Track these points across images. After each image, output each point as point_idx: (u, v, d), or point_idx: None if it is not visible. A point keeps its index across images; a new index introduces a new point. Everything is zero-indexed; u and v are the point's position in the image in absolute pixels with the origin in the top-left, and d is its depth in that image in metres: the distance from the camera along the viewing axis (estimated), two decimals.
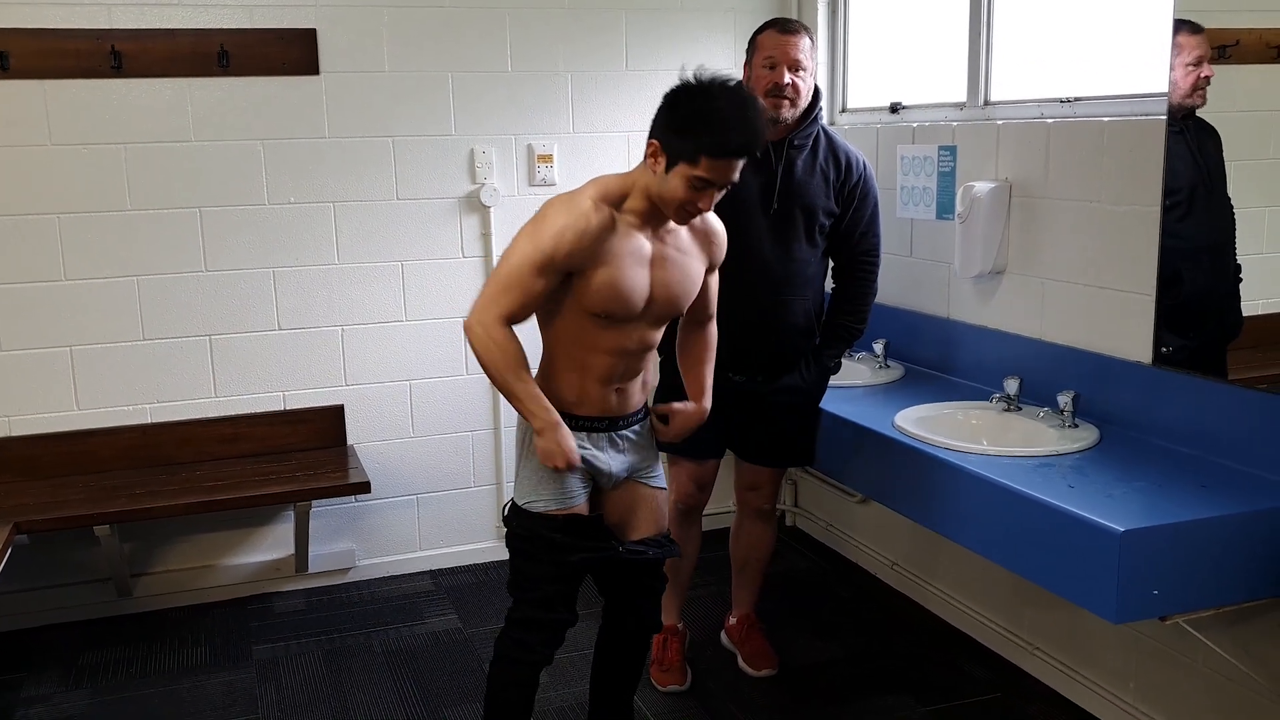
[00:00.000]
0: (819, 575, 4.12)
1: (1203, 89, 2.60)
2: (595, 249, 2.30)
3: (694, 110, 2.25)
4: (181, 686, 3.36)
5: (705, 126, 2.22)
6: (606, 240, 2.32)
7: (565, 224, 2.28)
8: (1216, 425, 2.61)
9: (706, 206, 2.32)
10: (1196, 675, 2.75)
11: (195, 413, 3.79)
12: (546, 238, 2.29)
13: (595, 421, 2.51)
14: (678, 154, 2.24)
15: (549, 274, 2.31)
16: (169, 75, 3.59)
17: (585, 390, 2.47)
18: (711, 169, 2.23)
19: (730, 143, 2.22)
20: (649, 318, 2.44)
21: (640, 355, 2.50)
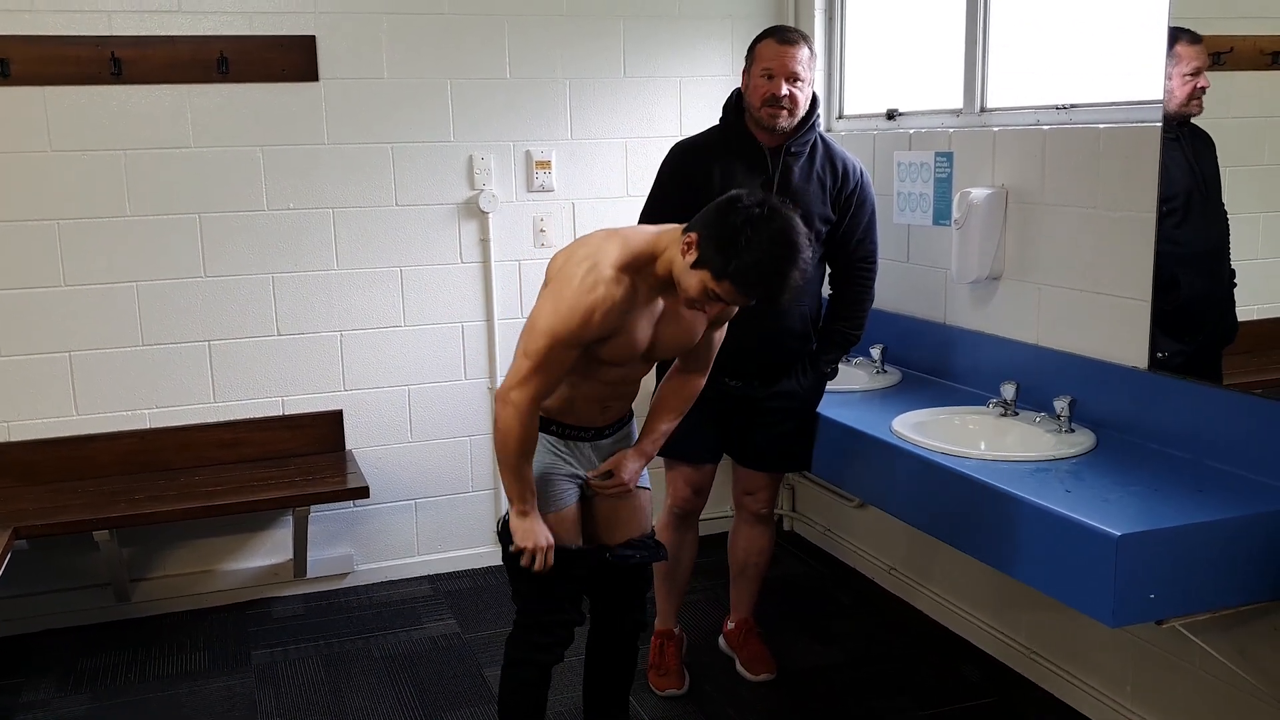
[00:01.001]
0: (817, 580, 4.13)
1: (1199, 98, 2.62)
2: (618, 321, 2.35)
3: (745, 238, 2.21)
4: (180, 691, 3.36)
5: (744, 260, 2.21)
6: (628, 311, 2.36)
7: (593, 305, 2.29)
8: (1212, 430, 2.62)
9: (711, 314, 2.45)
10: (1193, 679, 2.76)
11: (194, 418, 3.80)
12: (576, 320, 2.30)
13: (580, 430, 2.59)
14: (708, 261, 2.24)
15: (578, 347, 2.36)
16: (169, 82, 3.60)
17: (574, 406, 2.54)
18: (730, 294, 2.25)
19: (756, 289, 2.25)
20: (647, 361, 2.55)
21: (631, 386, 2.61)
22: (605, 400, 2.56)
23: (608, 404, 2.57)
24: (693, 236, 2.27)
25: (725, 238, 2.22)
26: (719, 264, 2.22)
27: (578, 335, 2.32)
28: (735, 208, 2.24)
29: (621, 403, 2.62)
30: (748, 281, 2.22)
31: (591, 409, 2.55)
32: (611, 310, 2.31)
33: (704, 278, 2.25)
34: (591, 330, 2.32)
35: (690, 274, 2.27)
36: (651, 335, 2.45)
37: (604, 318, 2.31)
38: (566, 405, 2.53)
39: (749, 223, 2.21)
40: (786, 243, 2.22)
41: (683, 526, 3.29)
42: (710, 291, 2.26)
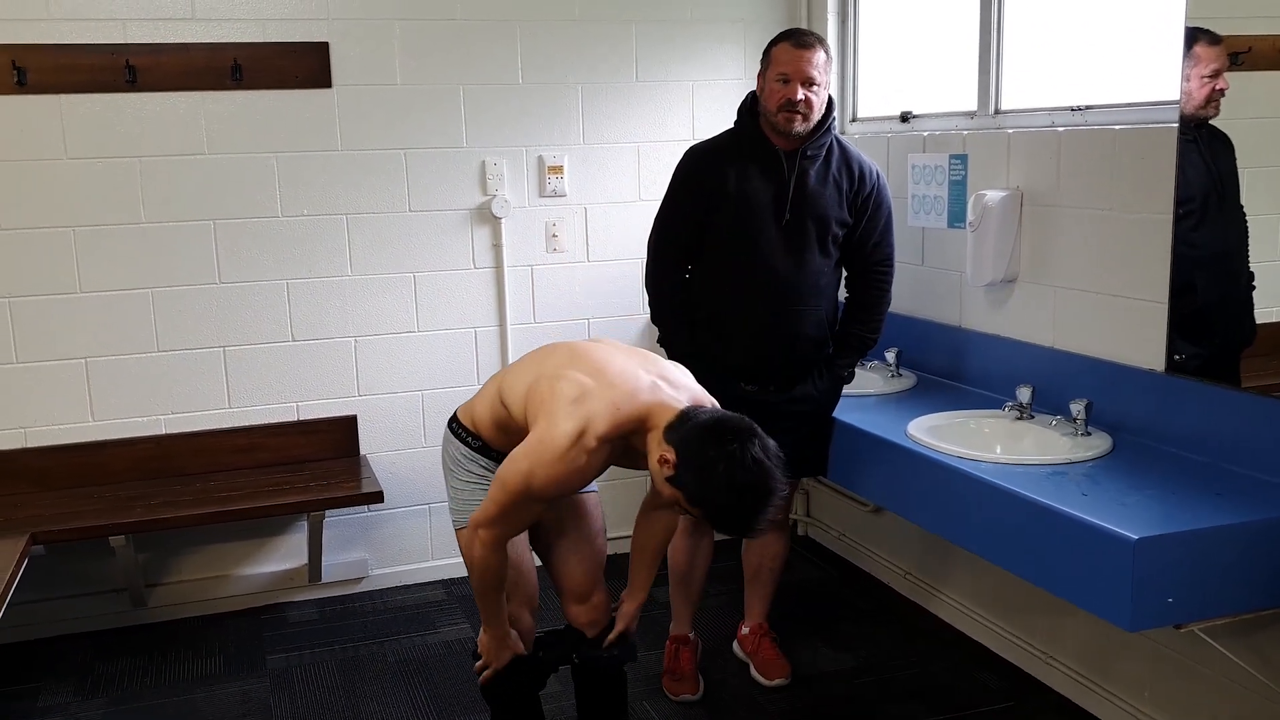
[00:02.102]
0: (831, 585, 4.11)
1: (1218, 100, 2.60)
2: (590, 478, 2.43)
3: (721, 480, 2.21)
4: (196, 696, 3.37)
5: (719, 503, 2.24)
6: (601, 466, 2.41)
7: (569, 474, 2.33)
8: (1230, 433, 2.60)
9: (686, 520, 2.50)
10: (1212, 683, 2.74)
11: (209, 424, 3.81)
12: (551, 483, 2.33)
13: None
14: (683, 485, 2.26)
15: (546, 503, 2.45)
16: (183, 89, 3.62)
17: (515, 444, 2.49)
18: (700, 514, 2.29)
19: (726, 527, 2.36)
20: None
21: None
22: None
23: None
24: (671, 456, 2.26)
25: (703, 472, 2.22)
26: (693, 493, 2.26)
27: (550, 495, 2.39)
28: (718, 442, 2.22)
29: None
30: (719, 520, 2.30)
31: None
32: (587, 475, 2.39)
33: (677, 495, 2.29)
34: (568, 490, 2.42)
35: (666, 484, 2.30)
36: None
37: (580, 481, 2.40)
38: (506, 443, 2.51)
39: (729, 466, 2.20)
40: (763, 492, 2.23)
41: (697, 532, 3.28)
42: (682, 508, 2.31)
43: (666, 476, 2.28)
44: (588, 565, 2.72)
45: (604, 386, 2.36)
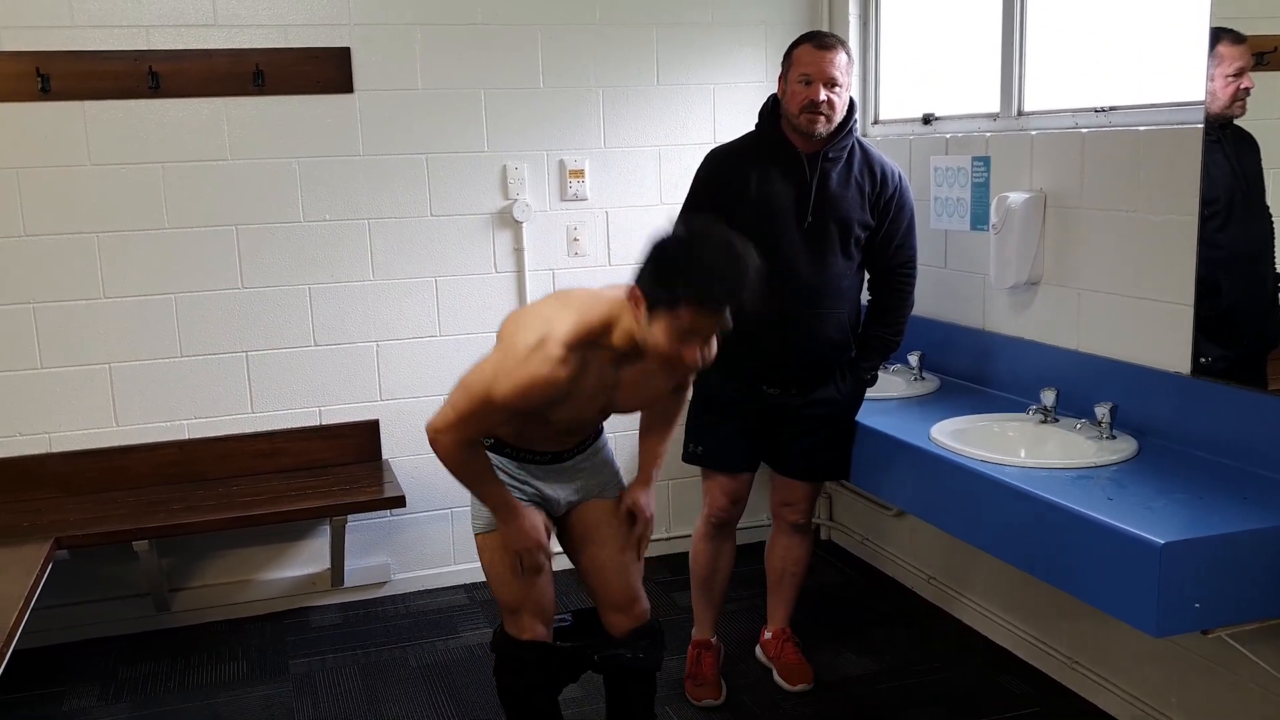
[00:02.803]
0: (854, 589, 4.09)
1: (1243, 100, 2.58)
2: (557, 395, 2.28)
3: (683, 259, 2.17)
4: (219, 701, 3.38)
5: (693, 275, 2.14)
6: (573, 385, 2.28)
7: (532, 383, 2.22)
8: (1257, 436, 2.57)
9: (693, 360, 2.21)
10: (1240, 689, 2.71)
11: (232, 428, 3.82)
12: (511, 394, 2.23)
13: (534, 454, 2.53)
14: (660, 301, 2.17)
15: (510, 414, 2.33)
16: (206, 95, 3.64)
17: (528, 436, 2.48)
18: (696, 319, 2.15)
19: (716, 293, 2.14)
20: (603, 415, 2.53)
21: (593, 422, 2.56)
22: (562, 435, 2.52)
23: (565, 437, 2.54)
24: (635, 290, 2.19)
25: (665, 270, 2.17)
26: (671, 296, 2.14)
27: (511, 407, 2.27)
28: (662, 243, 2.20)
29: (584, 432, 2.57)
30: (705, 292, 2.13)
31: (548, 440, 2.51)
32: (551, 386, 2.24)
33: (666, 323, 2.16)
34: (528, 405, 2.27)
35: (653, 329, 2.18)
36: (605, 401, 2.42)
37: (542, 395, 2.25)
38: (519, 435, 2.48)
39: (681, 245, 2.18)
40: (726, 244, 2.17)
41: (720, 536, 3.28)
42: (679, 332, 2.16)
43: (646, 317, 2.18)
44: (626, 574, 2.64)
45: (566, 305, 2.33)
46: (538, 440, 2.51)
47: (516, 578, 2.52)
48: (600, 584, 2.66)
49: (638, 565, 2.68)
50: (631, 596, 2.65)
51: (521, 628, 2.56)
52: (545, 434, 2.49)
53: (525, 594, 2.54)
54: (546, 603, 2.59)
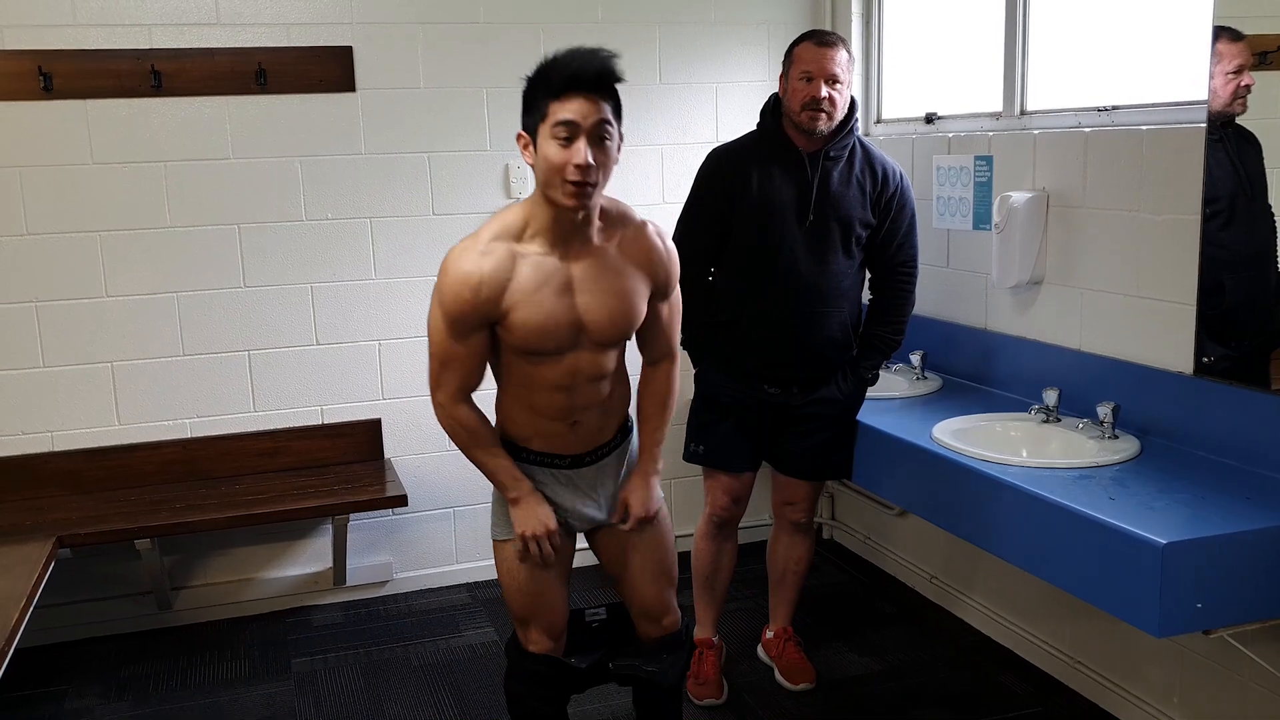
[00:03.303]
0: (856, 588, 4.09)
1: (1243, 97, 2.57)
2: (500, 291, 2.19)
3: (534, 73, 2.20)
4: (221, 699, 3.38)
5: (540, 77, 2.16)
6: (509, 280, 2.20)
7: (459, 283, 2.18)
8: (1260, 436, 2.57)
9: (583, 159, 2.09)
10: (1242, 689, 2.71)
11: (235, 427, 3.83)
12: (448, 302, 2.20)
13: (554, 459, 2.41)
14: (532, 123, 2.17)
15: (469, 333, 2.23)
16: (208, 94, 3.64)
17: (538, 427, 2.37)
18: (562, 109, 2.11)
19: (565, 70, 2.12)
20: (587, 345, 2.29)
21: (593, 385, 2.35)
22: (568, 412, 2.34)
23: (574, 418, 2.36)
24: (519, 137, 2.22)
25: (525, 91, 2.21)
26: (534, 106, 2.15)
27: (454, 318, 2.20)
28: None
29: (591, 416, 2.38)
30: (552, 76, 2.12)
31: (557, 428, 2.36)
32: (481, 284, 2.17)
33: (543, 136, 2.13)
34: (465, 309, 2.19)
35: (540, 155, 2.15)
36: (571, 308, 2.24)
37: (473, 293, 2.18)
38: (529, 429, 2.37)
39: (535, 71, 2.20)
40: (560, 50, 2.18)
41: (721, 535, 3.27)
42: (557, 133, 2.11)
43: (530, 147, 2.18)
44: (655, 583, 2.55)
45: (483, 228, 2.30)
46: (550, 433, 2.37)
47: (528, 592, 2.44)
48: (633, 592, 2.57)
49: (671, 575, 2.58)
50: (663, 608, 2.57)
51: (529, 640, 2.50)
52: (553, 411, 2.34)
53: (535, 607, 2.47)
54: (557, 618, 2.51)
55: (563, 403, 2.33)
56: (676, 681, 2.63)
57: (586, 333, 2.27)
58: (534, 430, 2.38)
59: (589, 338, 2.28)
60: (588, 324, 2.27)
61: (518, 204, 2.30)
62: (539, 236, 2.23)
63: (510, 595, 2.50)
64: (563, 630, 2.54)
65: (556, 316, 2.23)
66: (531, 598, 2.46)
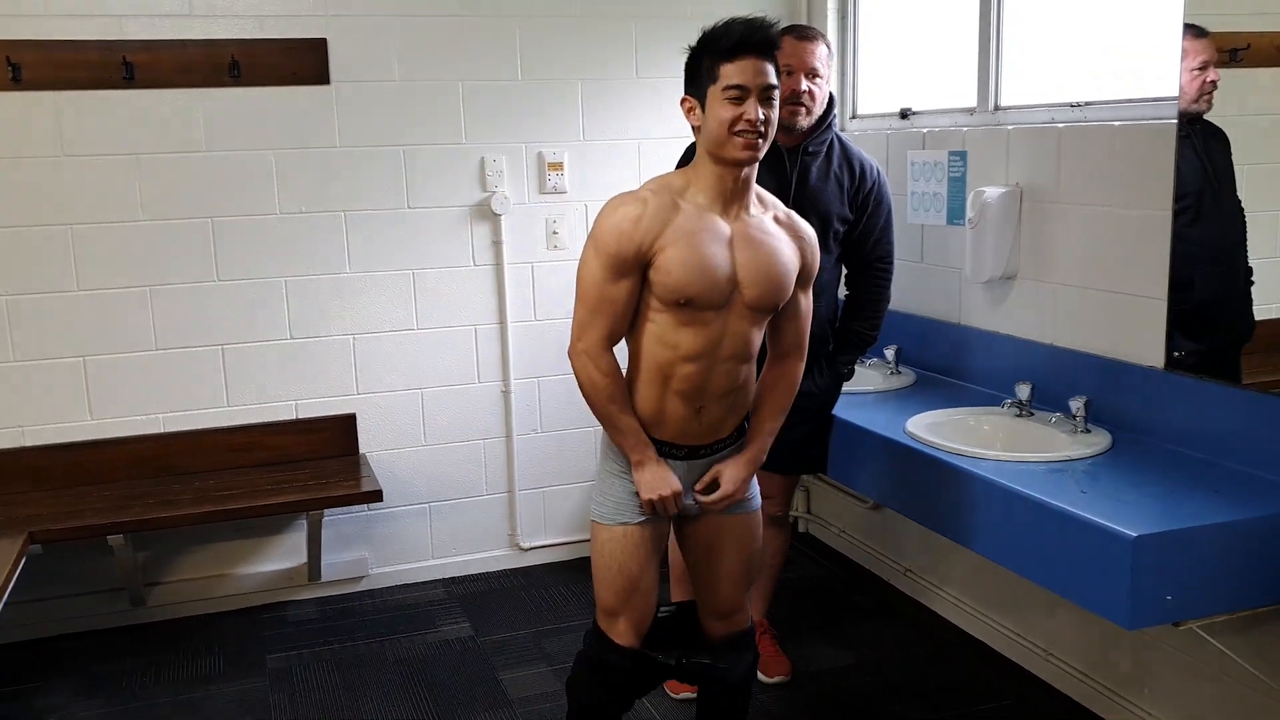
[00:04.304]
0: (831, 582, 4.11)
1: (1209, 94, 2.60)
2: (659, 231, 2.21)
3: (697, 47, 2.28)
4: (195, 696, 3.37)
5: (709, 44, 2.23)
6: (670, 220, 2.22)
7: (620, 216, 2.22)
8: (1230, 430, 2.60)
9: (754, 114, 2.18)
10: (1211, 681, 2.74)
11: (208, 422, 3.80)
12: (608, 237, 2.22)
13: (671, 448, 2.37)
14: (702, 86, 2.23)
15: (625, 274, 2.23)
16: (180, 86, 3.61)
17: (664, 408, 2.32)
18: (734, 73, 2.18)
19: (734, 35, 2.19)
20: (738, 309, 2.28)
21: (730, 365, 2.31)
22: (700, 393, 2.30)
23: (702, 402, 2.32)
24: (685, 100, 2.29)
25: (690, 60, 2.28)
26: (706, 70, 2.21)
27: (614, 253, 2.21)
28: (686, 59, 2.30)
29: (718, 406, 2.34)
30: (727, 40, 2.19)
31: (683, 412, 2.32)
32: (643, 216, 2.21)
33: (714, 99, 2.20)
34: (627, 241, 2.20)
35: (709, 119, 2.22)
36: (728, 262, 2.23)
37: (634, 224, 2.20)
38: (656, 410, 2.33)
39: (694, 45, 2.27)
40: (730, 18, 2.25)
41: None
42: (728, 95, 2.18)
43: (697, 110, 2.25)
44: (735, 584, 2.52)
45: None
46: (674, 416, 2.33)
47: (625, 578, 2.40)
48: (708, 589, 2.53)
49: (750, 578, 2.55)
50: (736, 606, 2.55)
51: (615, 632, 2.44)
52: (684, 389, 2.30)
53: (628, 597, 2.42)
54: (647, 612, 2.46)
55: (699, 379, 2.30)
56: (745, 679, 2.60)
57: (740, 291, 2.27)
58: (660, 413, 2.34)
59: (742, 297, 2.27)
60: (743, 280, 2.26)
61: (675, 171, 2.37)
62: (701, 194, 2.28)
63: (603, 582, 2.43)
64: (647, 628, 2.49)
65: (714, 263, 2.23)
66: (626, 584, 2.41)
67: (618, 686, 2.49)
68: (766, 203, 2.38)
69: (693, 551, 2.53)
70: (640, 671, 2.50)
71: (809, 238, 2.40)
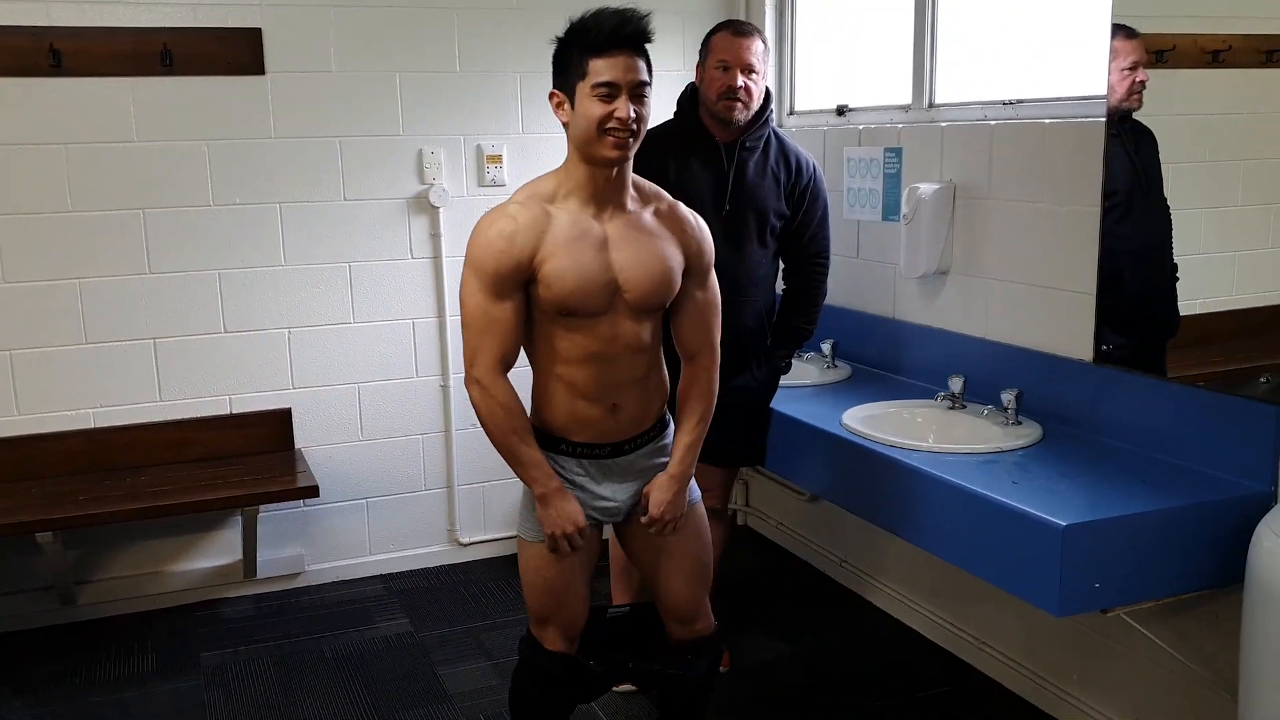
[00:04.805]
0: (770, 574, 4.14)
1: (1139, 93, 2.66)
2: (535, 245, 2.16)
3: (565, 38, 2.22)
4: (127, 696, 3.31)
5: (577, 36, 2.17)
6: (544, 232, 2.18)
7: (495, 234, 2.17)
8: (1155, 421, 2.66)
9: (625, 113, 2.12)
10: (1137, 666, 2.81)
11: (140, 417, 3.73)
12: (484, 257, 2.16)
13: (592, 448, 2.32)
14: (570, 81, 2.17)
15: (507, 292, 2.18)
16: (111, 75, 3.54)
17: (575, 412, 2.28)
18: (604, 69, 2.12)
19: (605, 28, 2.13)
20: (621, 309, 2.24)
21: (629, 360, 2.28)
22: (603, 390, 2.26)
23: (614, 399, 2.28)
24: (552, 95, 2.23)
25: (558, 52, 2.23)
26: (572, 65, 2.16)
27: (492, 273, 2.16)
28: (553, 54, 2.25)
29: (631, 399, 2.30)
30: (594, 34, 2.13)
31: (596, 412, 2.28)
32: (516, 233, 2.16)
33: (582, 94, 2.14)
34: (503, 261, 2.15)
35: (578, 115, 2.16)
36: (607, 266, 2.20)
37: (508, 242, 2.15)
38: (568, 416, 2.29)
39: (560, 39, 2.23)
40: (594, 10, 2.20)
41: None
42: (596, 92, 2.13)
43: (565, 105, 2.20)
44: (689, 585, 2.47)
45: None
46: (589, 417, 2.29)
47: (552, 591, 2.38)
48: (664, 591, 2.49)
49: (706, 577, 2.52)
50: (695, 610, 2.50)
51: (545, 639, 2.43)
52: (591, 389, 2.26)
53: (556, 607, 2.40)
54: (576, 620, 2.45)
55: (602, 378, 2.26)
56: (703, 686, 2.56)
57: (622, 293, 2.23)
58: (573, 417, 2.30)
59: (625, 299, 2.23)
60: (623, 283, 2.22)
61: (545, 174, 2.30)
62: (572, 196, 2.23)
63: (532, 594, 2.42)
64: (578, 635, 2.47)
65: (593, 270, 2.19)
66: (554, 598, 2.39)
67: (555, 691, 2.47)
68: (646, 194, 2.33)
69: (640, 556, 2.50)
70: (575, 677, 2.48)
71: (695, 228, 2.34)
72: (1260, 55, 2.47)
